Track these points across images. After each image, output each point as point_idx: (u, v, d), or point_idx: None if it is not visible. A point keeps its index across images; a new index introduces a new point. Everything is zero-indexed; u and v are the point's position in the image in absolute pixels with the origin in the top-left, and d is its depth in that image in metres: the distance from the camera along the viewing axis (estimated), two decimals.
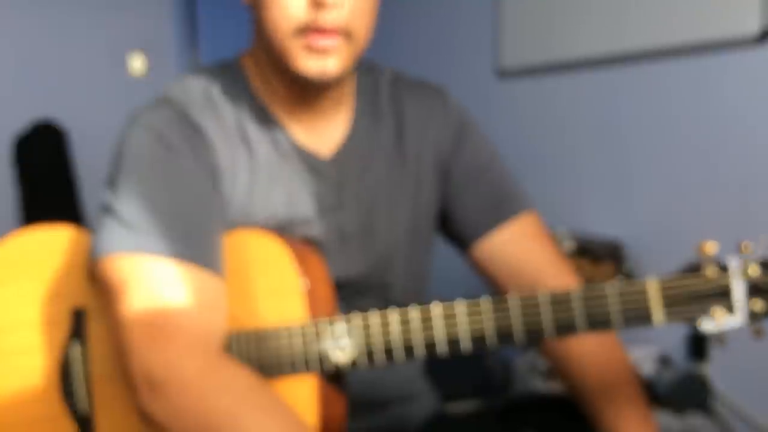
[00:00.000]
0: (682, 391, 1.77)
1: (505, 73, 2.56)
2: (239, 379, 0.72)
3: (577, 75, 2.28)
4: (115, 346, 0.75)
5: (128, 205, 0.76)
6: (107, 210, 0.77)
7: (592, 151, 2.24)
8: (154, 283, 0.73)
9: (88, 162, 3.01)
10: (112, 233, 0.75)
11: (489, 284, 0.97)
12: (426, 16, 2.96)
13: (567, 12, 2.28)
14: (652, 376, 1.83)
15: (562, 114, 2.36)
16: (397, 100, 0.94)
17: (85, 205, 3.05)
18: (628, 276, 1.97)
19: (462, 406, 1.05)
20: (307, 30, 0.77)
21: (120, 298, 0.73)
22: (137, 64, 3.20)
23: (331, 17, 0.76)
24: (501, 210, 0.94)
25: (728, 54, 1.79)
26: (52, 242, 0.83)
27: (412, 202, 0.93)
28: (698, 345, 1.85)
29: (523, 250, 0.93)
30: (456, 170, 0.95)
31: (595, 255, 2.02)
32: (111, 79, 3.17)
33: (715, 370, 1.83)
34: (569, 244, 2.06)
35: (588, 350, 0.93)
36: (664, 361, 1.89)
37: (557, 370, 0.97)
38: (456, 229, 0.97)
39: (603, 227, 2.16)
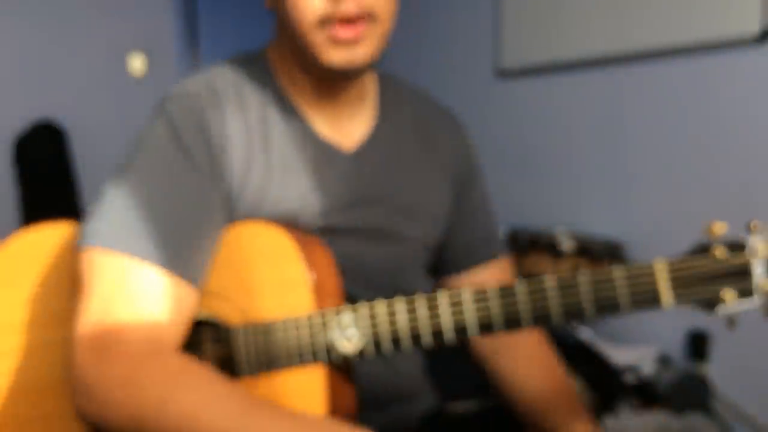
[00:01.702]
0: (682, 391, 1.77)
1: (505, 73, 2.56)
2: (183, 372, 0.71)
3: (577, 75, 2.27)
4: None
5: (121, 201, 0.75)
6: (101, 199, 0.77)
7: (592, 151, 2.24)
8: (113, 286, 0.72)
9: (88, 162, 3.01)
10: (97, 224, 0.75)
11: None
12: (426, 17, 2.96)
13: (567, 12, 2.28)
14: (652, 376, 1.82)
15: (561, 114, 2.36)
16: (419, 109, 0.97)
17: (85, 205, 3.05)
18: None
19: (462, 406, 1.04)
20: (330, 21, 0.77)
21: (84, 293, 0.73)
22: (137, 64, 3.19)
23: (351, 6, 0.76)
24: (485, 250, 0.99)
25: (728, 54, 1.79)
26: (55, 240, 0.83)
27: (431, 208, 0.95)
28: (698, 345, 1.85)
29: None
30: (464, 200, 0.99)
31: (595, 255, 2.02)
32: (111, 79, 3.16)
33: (715, 370, 1.83)
34: (569, 244, 2.06)
35: (527, 361, 0.98)
36: (664, 361, 1.89)
37: (494, 380, 1.00)
38: (440, 256, 1.00)
39: (603, 227, 2.16)
